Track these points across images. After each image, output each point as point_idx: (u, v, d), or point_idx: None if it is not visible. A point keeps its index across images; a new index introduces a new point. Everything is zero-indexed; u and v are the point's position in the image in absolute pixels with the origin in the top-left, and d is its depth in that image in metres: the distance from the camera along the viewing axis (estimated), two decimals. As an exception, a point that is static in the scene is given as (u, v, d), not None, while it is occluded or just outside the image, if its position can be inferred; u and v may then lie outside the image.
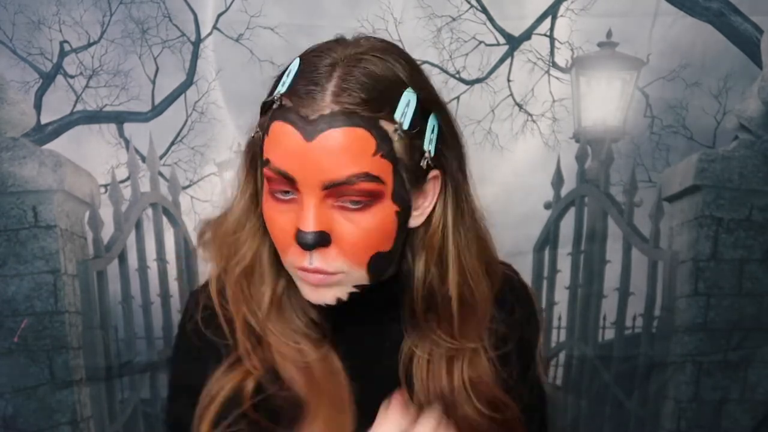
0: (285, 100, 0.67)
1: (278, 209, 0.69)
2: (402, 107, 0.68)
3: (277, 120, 0.67)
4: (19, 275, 1.25)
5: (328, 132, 0.64)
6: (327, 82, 0.66)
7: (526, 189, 1.32)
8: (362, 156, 0.65)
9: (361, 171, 0.65)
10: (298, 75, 0.68)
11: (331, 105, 0.65)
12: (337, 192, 0.66)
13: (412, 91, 0.69)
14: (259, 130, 0.71)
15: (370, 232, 0.68)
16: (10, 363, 1.27)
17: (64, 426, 1.31)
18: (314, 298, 0.71)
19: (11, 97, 1.20)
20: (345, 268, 0.69)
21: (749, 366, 1.40)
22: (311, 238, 0.66)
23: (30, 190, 1.23)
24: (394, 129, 0.67)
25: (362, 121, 0.65)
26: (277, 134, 0.67)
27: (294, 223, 0.67)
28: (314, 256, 0.67)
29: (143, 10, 1.19)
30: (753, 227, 1.33)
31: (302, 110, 0.65)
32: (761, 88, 1.26)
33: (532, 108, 1.28)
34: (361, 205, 0.67)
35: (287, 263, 0.71)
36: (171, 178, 1.27)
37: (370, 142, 0.66)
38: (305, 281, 0.70)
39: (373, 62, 0.67)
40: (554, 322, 1.40)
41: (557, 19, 1.23)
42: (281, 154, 0.66)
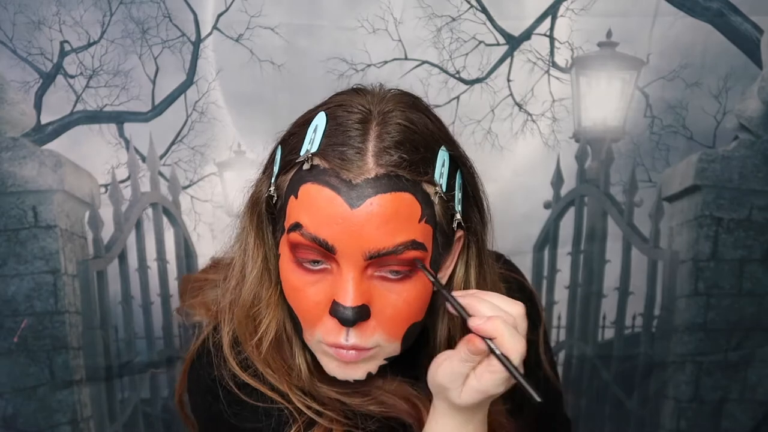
0: (318, 161, 0.62)
1: (307, 280, 0.64)
2: (439, 168, 0.64)
3: (310, 182, 0.61)
4: (19, 275, 1.25)
5: (377, 198, 0.59)
6: (365, 142, 0.61)
7: (526, 188, 1.32)
8: (409, 223, 0.61)
9: (409, 239, 0.61)
10: (328, 132, 0.62)
11: (375, 168, 0.60)
12: (380, 262, 0.61)
13: (445, 149, 0.65)
14: (273, 189, 0.66)
15: (411, 304, 0.64)
16: (10, 363, 1.27)
17: (64, 426, 1.31)
18: (341, 375, 0.67)
19: (11, 97, 1.20)
20: (382, 343, 0.65)
21: (749, 366, 1.41)
22: (353, 313, 0.61)
23: (30, 190, 1.23)
24: (434, 192, 0.63)
25: (408, 185, 0.61)
26: (313, 198, 0.61)
27: (327, 295, 0.63)
28: (351, 332, 0.63)
29: (143, 10, 1.19)
30: (753, 227, 1.33)
31: (343, 173, 0.60)
32: (761, 88, 1.26)
33: (532, 108, 1.28)
34: (402, 275, 0.63)
35: (314, 339, 0.66)
36: (171, 178, 1.27)
37: (416, 207, 0.61)
38: (337, 358, 0.65)
39: (407, 119, 0.63)
40: (554, 322, 1.40)
41: (557, 19, 1.23)
42: (319, 221, 0.60)
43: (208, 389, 0.72)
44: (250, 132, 1.26)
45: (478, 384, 0.62)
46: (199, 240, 1.30)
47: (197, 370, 0.75)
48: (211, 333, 0.75)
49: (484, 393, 0.62)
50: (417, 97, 0.69)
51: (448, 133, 0.69)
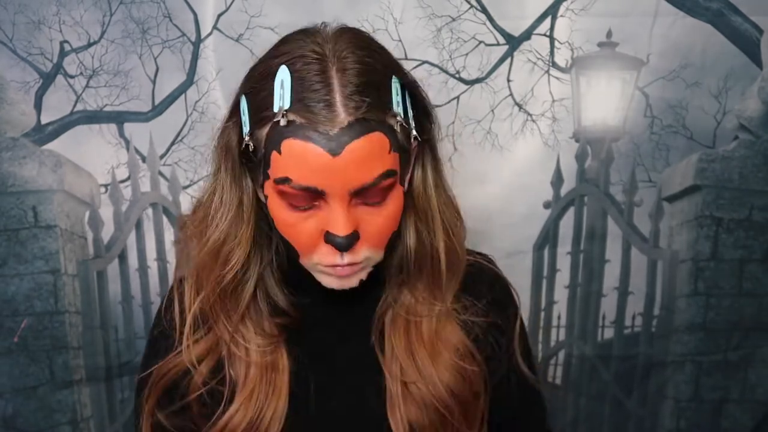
0: (293, 116, 0.68)
1: (299, 216, 0.71)
2: (395, 98, 0.72)
3: (290, 137, 0.68)
4: (19, 275, 1.25)
5: (354, 143, 0.67)
6: (331, 93, 0.68)
7: (526, 188, 1.32)
8: (382, 156, 0.69)
9: (385, 170, 0.69)
10: (294, 87, 0.69)
11: (346, 116, 0.67)
12: (363, 194, 0.69)
13: (395, 78, 0.72)
14: (248, 140, 0.72)
15: (390, 219, 0.73)
16: (10, 363, 1.28)
17: (64, 426, 1.31)
18: (338, 285, 0.75)
19: (11, 97, 1.20)
20: (370, 255, 0.73)
21: (749, 366, 1.41)
22: (346, 240, 0.70)
23: (30, 190, 1.23)
24: (396, 122, 0.71)
25: (376, 124, 0.68)
26: (297, 153, 0.68)
27: (320, 226, 0.71)
28: (345, 253, 0.71)
29: (143, 10, 1.19)
30: (753, 227, 1.33)
31: (320, 126, 0.67)
32: (761, 88, 1.26)
33: (531, 108, 1.28)
34: (380, 199, 0.71)
35: (311, 262, 0.74)
36: (171, 178, 1.27)
37: (385, 142, 0.69)
38: (334, 274, 0.74)
39: (361, 60, 0.70)
40: (553, 321, 1.40)
41: (557, 19, 1.24)
42: (306, 172, 0.68)
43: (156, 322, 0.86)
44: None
45: None
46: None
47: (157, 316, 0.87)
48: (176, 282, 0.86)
49: None
50: (361, 32, 0.76)
51: (393, 59, 0.75)
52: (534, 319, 1.39)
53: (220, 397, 0.80)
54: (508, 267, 1.01)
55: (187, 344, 0.80)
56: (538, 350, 1.40)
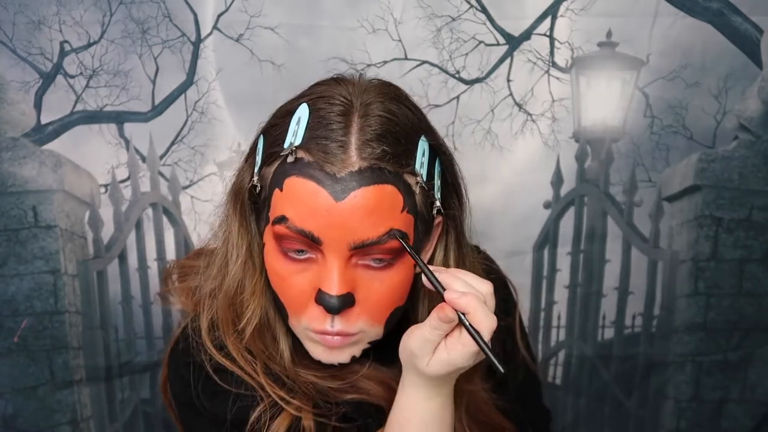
0: (302, 154, 0.63)
1: (292, 269, 0.65)
2: (419, 158, 0.66)
3: (295, 175, 0.63)
4: (19, 275, 1.25)
5: (361, 191, 0.61)
6: (348, 135, 0.63)
7: (526, 189, 1.32)
8: (392, 213, 0.63)
9: (392, 228, 0.63)
10: (311, 125, 0.64)
11: (358, 161, 0.62)
12: (364, 251, 0.63)
13: (425, 139, 0.67)
14: (257, 179, 0.68)
15: (394, 290, 0.67)
16: (10, 363, 1.27)
17: (64, 426, 1.31)
18: (327, 359, 0.69)
19: (11, 97, 1.20)
20: (366, 328, 0.67)
21: (749, 366, 1.41)
22: (338, 302, 0.63)
23: (30, 190, 1.23)
24: (416, 182, 0.65)
25: (390, 177, 0.63)
26: (298, 192, 0.63)
27: (313, 283, 0.65)
28: (336, 319, 0.65)
29: (143, 10, 1.19)
30: (753, 227, 1.33)
31: (328, 167, 0.62)
32: (761, 88, 1.26)
33: (531, 108, 1.28)
34: (384, 263, 0.65)
35: (300, 325, 0.68)
36: (171, 178, 1.27)
37: (398, 198, 0.63)
38: (322, 344, 0.68)
39: (388, 110, 0.65)
40: (553, 321, 1.40)
41: (557, 19, 1.23)
42: (305, 214, 0.62)
43: (184, 375, 0.74)
44: (251, 132, 1.24)
45: (447, 356, 0.63)
46: (199, 240, 1.30)
47: (176, 358, 0.77)
48: (190, 320, 0.77)
49: (452, 365, 0.63)
50: (397, 87, 0.70)
51: (427, 122, 0.70)
52: (534, 319, 1.39)
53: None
54: (508, 267, 1.01)
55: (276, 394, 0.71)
56: (538, 350, 1.40)
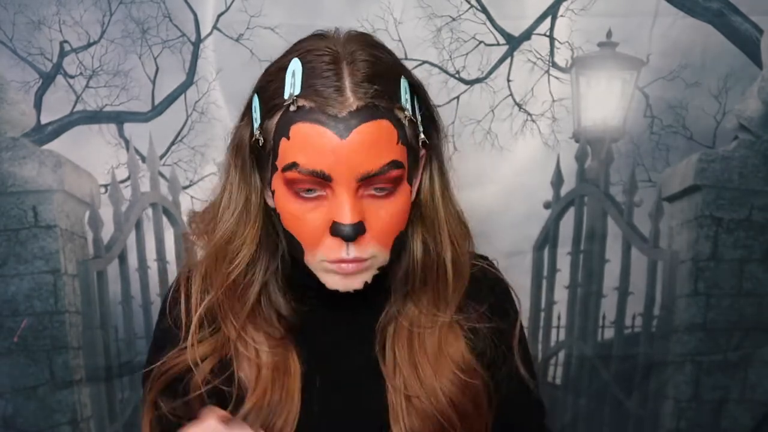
0: (302, 102, 0.69)
1: (305, 207, 0.71)
2: (404, 95, 0.73)
3: (299, 122, 0.69)
4: (19, 275, 1.25)
5: (361, 127, 0.67)
6: (341, 80, 0.69)
7: (526, 189, 1.32)
8: (390, 145, 0.69)
9: (391, 159, 0.69)
10: (305, 75, 0.70)
11: (355, 101, 0.68)
12: (368, 182, 0.69)
13: (404, 77, 0.74)
14: (259, 133, 0.74)
15: (396, 216, 0.73)
16: (10, 363, 1.27)
17: (64, 426, 1.31)
18: (342, 286, 0.74)
19: (11, 97, 1.20)
20: (376, 253, 0.73)
21: (749, 366, 1.41)
22: (352, 229, 0.69)
23: (30, 190, 1.23)
24: (404, 116, 0.72)
25: (384, 112, 0.69)
26: (305, 136, 0.68)
27: (325, 218, 0.70)
28: (351, 247, 0.71)
29: (143, 10, 1.19)
30: (753, 227, 1.33)
31: (329, 109, 0.68)
32: (761, 88, 1.26)
33: (531, 108, 1.28)
34: (386, 192, 0.71)
35: (316, 259, 0.73)
36: (171, 178, 1.27)
37: (393, 131, 0.70)
38: (338, 272, 0.73)
39: (371, 55, 0.71)
40: (553, 321, 1.40)
41: (557, 19, 1.23)
42: (314, 155, 0.68)
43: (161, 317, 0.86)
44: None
45: None
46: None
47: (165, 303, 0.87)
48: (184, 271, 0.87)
49: None
50: (372, 35, 0.77)
51: (401, 63, 0.77)
52: (534, 319, 1.39)
53: (225, 397, 0.80)
54: (508, 267, 1.01)
55: (192, 342, 0.80)
56: (538, 350, 1.40)
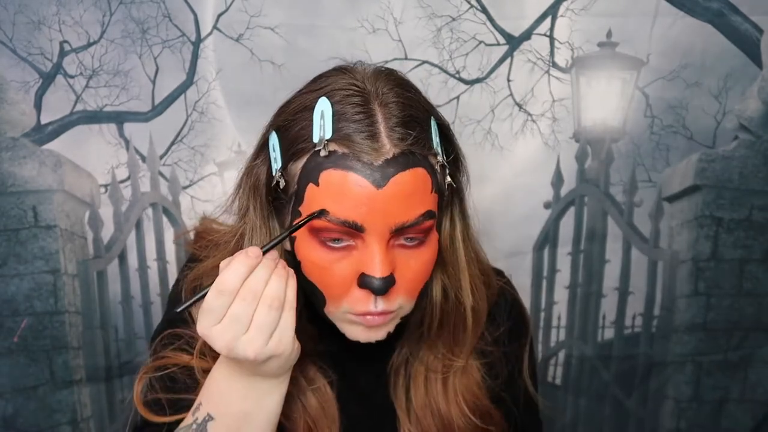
0: (334, 147, 0.65)
1: (332, 258, 0.67)
2: (434, 138, 0.69)
3: (331, 168, 0.64)
4: (19, 275, 1.25)
5: (398, 176, 0.64)
6: (375, 124, 0.65)
7: (526, 189, 1.32)
8: (425, 195, 0.66)
9: (426, 210, 0.66)
10: (336, 117, 0.65)
11: (391, 149, 0.64)
12: (401, 233, 0.66)
13: (434, 119, 0.70)
14: (280, 177, 0.69)
15: (426, 265, 0.70)
16: (10, 363, 1.27)
17: (64, 426, 1.31)
18: (365, 338, 0.71)
19: (11, 97, 1.20)
20: (403, 304, 0.70)
21: (749, 366, 1.41)
22: (383, 283, 0.65)
23: (30, 190, 1.23)
24: (437, 162, 0.69)
25: (420, 160, 0.66)
26: (338, 184, 0.64)
27: (354, 269, 0.67)
28: (379, 300, 0.67)
29: (143, 10, 1.19)
30: (753, 227, 1.33)
31: (364, 156, 0.64)
32: (761, 88, 1.26)
33: (532, 108, 1.28)
34: (417, 242, 0.68)
35: (339, 310, 0.70)
36: (171, 178, 1.27)
37: (428, 179, 0.67)
38: (363, 324, 0.70)
39: (403, 96, 0.68)
40: (553, 322, 1.40)
41: (557, 19, 1.23)
42: (346, 204, 0.64)
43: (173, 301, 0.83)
44: (251, 132, 1.24)
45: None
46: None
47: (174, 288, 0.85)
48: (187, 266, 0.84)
49: None
50: (397, 71, 0.74)
51: (429, 102, 0.74)
52: (534, 319, 1.39)
53: None
54: (508, 267, 1.01)
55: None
56: (539, 350, 1.40)
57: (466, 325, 0.78)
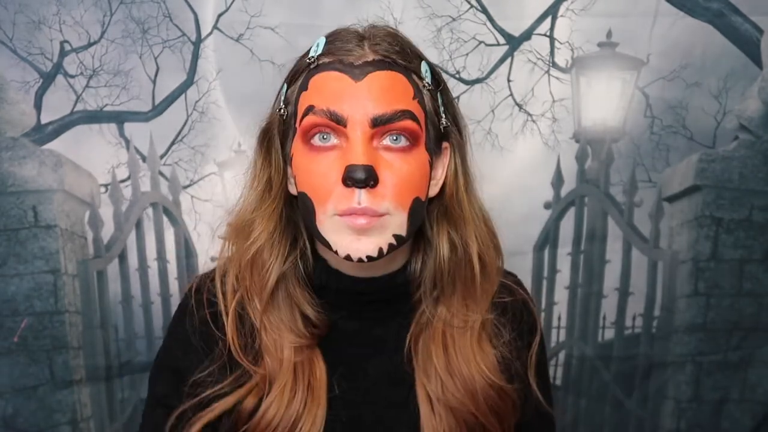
0: (322, 59, 0.71)
1: (317, 158, 0.71)
2: (424, 70, 0.74)
3: (318, 73, 0.71)
4: (19, 275, 1.25)
5: (375, 73, 0.69)
6: (362, 41, 0.72)
7: (526, 189, 1.32)
8: (405, 96, 0.70)
9: (406, 108, 0.69)
10: (329, 43, 0.72)
11: (372, 54, 0.70)
12: (383, 130, 0.69)
13: (426, 63, 0.75)
14: (282, 107, 0.75)
15: (412, 174, 0.71)
16: (10, 363, 1.27)
17: (64, 426, 1.31)
18: (354, 250, 0.71)
19: (11, 97, 1.20)
20: (391, 209, 0.70)
21: (749, 366, 1.41)
22: (363, 171, 0.67)
23: (30, 190, 1.23)
24: (422, 84, 0.73)
25: (400, 68, 0.71)
26: (322, 82, 0.70)
27: (337, 166, 0.69)
28: (363, 196, 0.68)
29: (143, 10, 1.19)
30: (753, 227, 1.33)
31: (346, 59, 0.70)
32: (761, 88, 1.26)
33: (532, 108, 1.28)
34: (402, 145, 0.70)
35: (327, 214, 0.71)
36: (171, 178, 1.27)
37: (408, 86, 0.71)
38: (349, 226, 0.70)
39: (393, 33, 0.74)
40: (554, 322, 1.40)
41: (557, 19, 1.24)
42: (328, 97, 0.69)
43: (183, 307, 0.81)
44: (251, 132, 1.26)
45: None
46: (199, 239, 1.30)
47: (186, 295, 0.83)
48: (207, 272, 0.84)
49: None
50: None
51: (428, 61, 0.77)
52: (534, 319, 1.39)
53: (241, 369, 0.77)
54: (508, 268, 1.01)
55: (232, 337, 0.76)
56: (539, 350, 1.40)
57: (475, 273, 0.79)
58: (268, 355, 0.77)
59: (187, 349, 0.79)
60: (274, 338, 0.77)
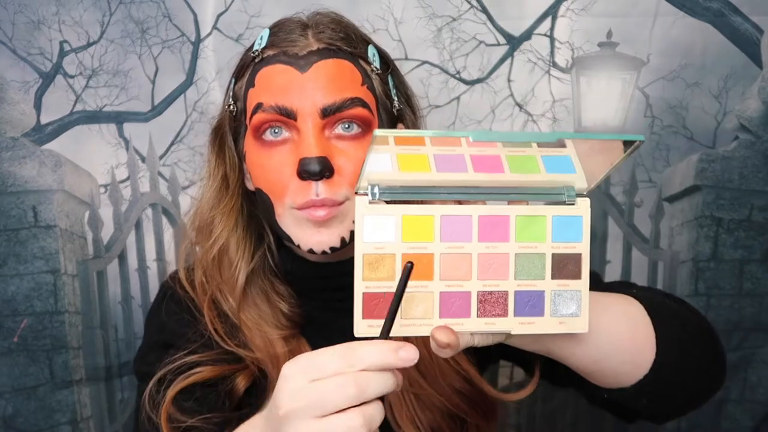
0: (267, 52, 0.71)
1: (270, 154, 0.70)
2: (371, 55, 0.75)
3: (264, 67, 0.70)
4: (19, 275, 1.25)
5: (321, 62, 0.69)
6: (306, 30, 0.72)
7: (526, 189, 1.32)
8: (353, 84, 0.70)
9: (355, 96, 0.70)
10: (272, 34, 0.73)
11: (316, 43, 0.70)
12: (334, 119, 0.69)
13: (373, 46, 0.76)
14: (231, 103, 0.75)
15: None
16: (10, 363, 1.28)
17: (64, 426, 1.31)
18: (317, 243, 0.71)
19: (11, 97, 1.20)
20: (350, 196, 0.71)
21: (749, 366, 1.40)
22: (318, 163, 0.67)
23: (30, 190, 1.23)
24: (371, 69, 0.73)
25: (346, 55, 0.71)
26: (268, 77, 0.70)
27: (291, 160, 0.69)
28: (320, 187, 0.68)
29: (143, 10, 1.19)
30: (753, 227, 1.33)
31: (290, 50, 0.70)
32: (761, 88, 1.26)
33: (532, 108, 1.28)
34: (355, 132, 0.70)
35: (285, 208, 0.71)
36: (171, 179, 1.27)
37: (356, 73, 0.71)
38: (310, 220, 0.70)
39: (336, 18, 0.75)
40: (554, 322, 1.40)
41: (557, 19, 1.23)
42: (276, 91, 0.69)
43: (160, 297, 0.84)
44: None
45: None
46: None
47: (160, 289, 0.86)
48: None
49: None
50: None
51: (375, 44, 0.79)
52: (534, 319, 1.39)
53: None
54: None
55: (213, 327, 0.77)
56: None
57: None
58: (257, 350, 0.77)
59: (169, 324, 0.81)
60: (259, 334, 0.78)
